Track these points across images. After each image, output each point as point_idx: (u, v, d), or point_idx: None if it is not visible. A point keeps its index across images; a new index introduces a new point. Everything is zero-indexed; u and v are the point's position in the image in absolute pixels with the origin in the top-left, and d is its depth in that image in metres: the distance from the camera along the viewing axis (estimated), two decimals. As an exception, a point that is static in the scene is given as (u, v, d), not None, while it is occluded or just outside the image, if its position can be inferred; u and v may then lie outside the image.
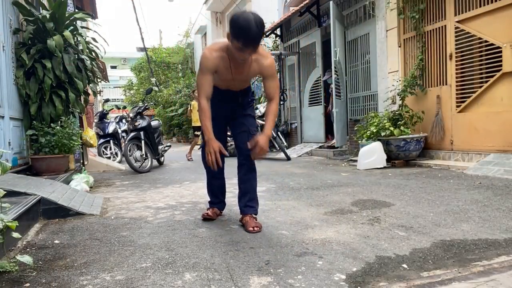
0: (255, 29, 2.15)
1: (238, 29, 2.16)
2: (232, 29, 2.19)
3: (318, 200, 3.39)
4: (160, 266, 1.90)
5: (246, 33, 2.15)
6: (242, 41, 2.17)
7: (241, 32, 2.15)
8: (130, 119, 6.51)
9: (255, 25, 2.14)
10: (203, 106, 2.41)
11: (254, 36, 2.17)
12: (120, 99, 29.52)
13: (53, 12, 4.54)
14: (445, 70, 5.54)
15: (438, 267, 1.77)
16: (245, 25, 2.14)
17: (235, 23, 2.17)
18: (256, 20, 2.16)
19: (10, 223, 1.81)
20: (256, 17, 2.18)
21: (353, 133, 7.29)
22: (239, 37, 2.17)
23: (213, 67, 2.38)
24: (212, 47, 2.43)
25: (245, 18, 2.16)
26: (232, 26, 2.19)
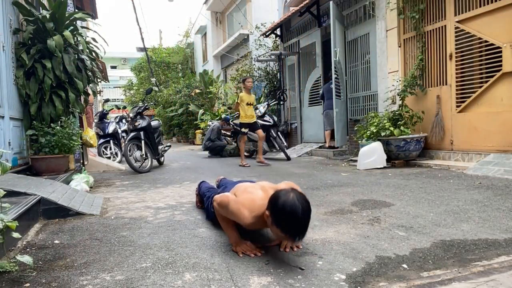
0: (303, 222, 1.79)
1: (282, 219, 1.80)
2: (275, 216, 1.82)
3: (318, 200, 3.39)
4: (160, 266, 1.90)
5: (293, 227, 1.79)
6: (288, 234, 1.82)
7: (287, 224, 1.79)
8: (130, 119, 6.51)
9: (302, 218, 1.77)
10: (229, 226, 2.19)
11: (301, 230, 1.80)
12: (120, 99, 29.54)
13: (53, 12, 4.54)
14: (445, 70, 5.54)
15: (438, 267, 1.77)
16: (291, 218, 1.77)
17: (280, 211, 1.80)
18: (303, 210, 1.77)
19: (10, 223, 1.81)
20: (303, 205, 1.78)
21: (353, 133, 7.29)
22: (284, 229, 1.81)
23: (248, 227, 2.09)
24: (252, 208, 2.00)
25: (291, 208, 1.76)
26: (274, 212, 1.82)
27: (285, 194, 1.81)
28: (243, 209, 2.00)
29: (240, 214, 2.00)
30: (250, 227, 2.08)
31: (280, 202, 1.80)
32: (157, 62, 22.50)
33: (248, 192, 2.14)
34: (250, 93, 7.04)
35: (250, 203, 2.02)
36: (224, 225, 2.21)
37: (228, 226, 2.18)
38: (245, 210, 2.00)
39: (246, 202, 2.04)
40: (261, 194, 2.06)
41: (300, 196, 1.81)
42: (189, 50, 24.13)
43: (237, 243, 2.10)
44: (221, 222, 2.23)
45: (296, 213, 1.76)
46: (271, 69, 12.03)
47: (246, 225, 2.03)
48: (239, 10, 16.52)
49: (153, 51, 23.02)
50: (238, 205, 2.03)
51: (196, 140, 15.61)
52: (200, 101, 16.63)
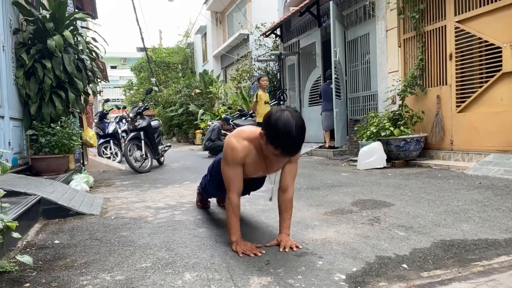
0: (296, 137, 1.81)
1: (276, 135, 1.82)
2: (268, 133, 1.85)
3: (318, 200, 3.39)
4: (160, 266, 1.90)
5: (286, 141, 1.81)
6: (281, 149, 1.84)
7: (280, 139, 1.81)
8: (130, 119, 6.51)
9: (295, 132, 1.79)
10: (234, 202, 2.09)
11: (295, 145, 1.84)
12: (120, 99, 29.52)
13: (53, 12, 4.54)
14: (445, 70, 5.54)
15: (438, 267, 1.77)
16: (285, 132, 1.79)
17: (273, 127, 1.82)
18: (297, 125, 1.80)
19: (10, 223, 1.81)
20: (297, 121, 1.82)
21: (353, 133, 7.29)
22: (277, 145, 1.83)
23: (242, 158, 2.05)
24: (239, 134, 2.07)
25: (285, 123, 1.79)
26: (268, 129, 1.85)
27: (279, 111, 1.86)
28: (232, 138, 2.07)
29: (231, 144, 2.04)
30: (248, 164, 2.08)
31: (274, 118, 1.82)
32: (157, 62, 22.50)
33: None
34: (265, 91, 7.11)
35: (242, 130, 2.12)
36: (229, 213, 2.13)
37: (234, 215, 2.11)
38: (238, 137, 2.06)
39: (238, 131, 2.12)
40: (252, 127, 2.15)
41: (294, 113, 1.85)
42: (189, 50, 24.13)
43: (237, 243, 2.09)
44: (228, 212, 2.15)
45: (290, 128, 1.78)
46: (271, 69, 12.03)
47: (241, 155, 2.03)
48: (239, 10, 16.53)
49: (153, 51, 23.01)
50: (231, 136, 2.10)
51: (196, 140, 15.61)
52: (200, 101, 16.63)
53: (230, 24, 18.41)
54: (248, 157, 2.06)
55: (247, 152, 2.05)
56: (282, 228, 2.19)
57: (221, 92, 16.38)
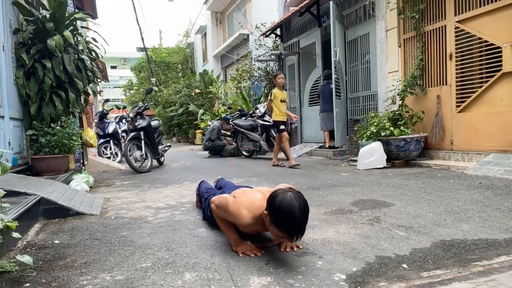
0: (301, 221, 1.79)
1: (280, 220, 1.80)
2: (273, 217, 1.83)
3: (318, 200, 3.39)
4: (160, 266, 1.90)
5: (291, 226, 1.79)
6: (286, 233, 1.82)
7: (285, 224, 1.79)
8: (130, 119, 6.51)
9: (299, 217, 1.77)
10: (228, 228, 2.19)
11: (299, 228, 1.80)
12: (120, 99, 29.52)
13: (53, 12, 4.55)
14: (445, 70, 5.54)
15: (438, 267, 1.77)
16: (289, 217, 1.77)
17: (277, 211, 1.80)
18: (301, 208, 1.78)
19: (10, 223, 1.81)
20: (300, 204, 1.79)
21: (353, 133, 7.29)
22: (282, 230, 1.81)
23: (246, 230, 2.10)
24: (251, 208, 2.01)
25: (289, 206, 1.77)
26: (273, 213, 1.83)
27: (282, 193, 1.83)
28: (242, 208, 2.01)
29: (239, 214, 2.00)
30: (248, 229, 2.08)
31: (278, 201, 1.81)
32: (157, 62, 22.50)
33: (247, 194, 2.15)
34: (282, 90, 6.61)
35: (249, 203, 2.03)
36: (223, 227, 2.21)
37: (227, 228, 2.18)
38: (244, 210, 2.00)
39: (245, 202, 2.05)
40: (260, 195, 2.06)
41: (297, 195, 1.82)
42: (189, 50, 24.13)
43: (237, 243, 2.09)
44: (220, 224, 2.23)
45: (293, 212, 1.76)
46: (271, 69, 12.02)
47: (245, 226, 2.03)
48: (239, 10, 16.53)
49: (153, 51, 23.02)
50: (237, 205, 2.03)
51: (196, 140, 15.61)
52: (200, 101, 16.63)
53: (230, 24, 18.41)
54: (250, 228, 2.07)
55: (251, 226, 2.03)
56: None
57: (221, 92, 16.38)
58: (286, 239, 1.90)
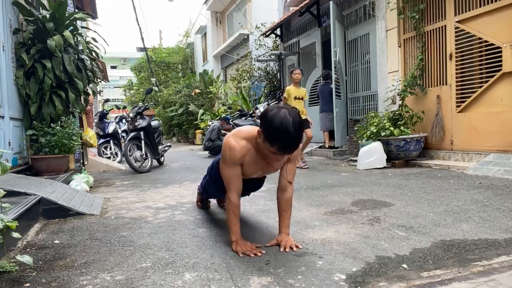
0: (293, 134, 1.80)
1: (273, 133, 1.81)
2: (266, 131, 1.84)
3: (318, 200, 3.39)
4: (160, 266, 1.90)
5: (282, 138, 1.80)
6: (277, 147, 1.84)
7: (276, 136, 1.81)
8: (130, 119, 6.51)
9: (293, 129, 1.79)
10: (234, 202, 2.10)
11: (292, 142, 1.82)
12: (120, 99, 29.53)
13: (53, 12, 4.54)
14: (445, 70, 5.54)
15: (438, 267, 1.77)
16: (281, 128, 1.78)
17: (269, 123, 1.82)
18: (294, 122, 1.80)
19: (10, 223, 1.81)
20: (294, 118, 1.81)
21: (353, 133, 7.29)
22: (273, 142, 1.83)
23: (241, 158, 2.05)
24: (238, 134, 2.07)
25: (282, 120, 1.78)
26: (265, 127, 1.84)
27: (276, 108, 1.85)
28: (230, 138, 2.07)
29: (229, 144, 2.04)
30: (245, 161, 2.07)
31: (271, 115, 1.82)
32: (157, 62, 22.50)
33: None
34: (299, 86, 6.06)
35: (236, 131, 2.12)
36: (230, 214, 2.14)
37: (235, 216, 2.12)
38: (231, 137, 2.06)
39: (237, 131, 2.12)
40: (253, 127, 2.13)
41: (291, 111, 1.84)
42: (189, 50, 24.14)
43: (237, 243, 2.09)
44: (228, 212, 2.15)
45: (287, 126, 1.77)
46: (271, 69, 12.03)
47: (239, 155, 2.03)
48: (239, 10, 16.53)
49: (153, 51, 23.02)
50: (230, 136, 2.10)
51: (196, 140, 15.61)
52: (200, 101, 16.63)
53: (230, 24, 18.42)
54: (247, 157, 2.06)
55: (246, 152, 2.04)
56: (281, 227, 2.19)
57: (221, 92, 16.38)
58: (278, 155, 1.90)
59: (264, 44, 12.25)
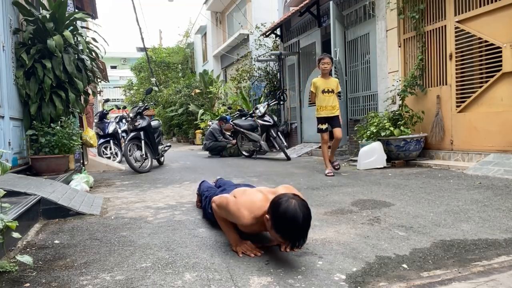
0: (303, 229, 1.79)
1: (281, 226, 1.79)
2: (274, 222, 1.82)
3: (318, 200, 3.39)
4: (160, 266, 1.90)
5: (293, 234, 1.79)
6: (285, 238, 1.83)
7: (287, 232, 1.80)
8: (130, 119, 6.51)
9: (302, 225, 1.76)
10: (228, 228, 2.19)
11: (301, 237, 1.80)
12: (120, 99, 29.54)
13: (53, 12, 4.55)
14: (445, 70, 5.54)
15: (438, 267, 1.77)
16: (291, 225, 1.76)
17: (280, 218, 1.79)
18: (304, 217, 1.76)
19: (10, 223, 1.81)
20: (304, 212, 1.77)
21: (353, 133, 7.29)
22: (284, 236, 1.82)
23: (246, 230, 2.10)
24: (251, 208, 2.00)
25: (292, 216, 1.75)
26: (275, 219, 1.81)
27: (286, 201, 1.80)
28: (242, 209, 2.00)
29: (239, 214, 2.00)
30: (248, 229, 2.08)
31: (282, 209, 1.78)
32: (157, 62, 22.51)
33: (248, 194, 2.14)
34: (328, 77, 5.22)
35: (250, 204, 2.02)
36: (224, 227, 2.21)
37: (228, 228, 2.18)
38: (245, 210, 1.99)
39: (246, 202, 2.04)
40: (261, 196, 2.06)
41: (301, 203, 1.80)
42: (189, 50, 24.14)
43: (237, 243, 2.09)
44: (220, 223, 2.23)
45: (297, 221, 1.74)
46: (271, 69, 12.03)
47: (245, 226, 2.03)
48: (239, 10, 16.53)
49: (153, 51, 23.03)
50: (238, 205, 2.03)
51: (196, 140, 15.61)
52: (200, 101, 16.63)
53: (230, 24, 18.41)
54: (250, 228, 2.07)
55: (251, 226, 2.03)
56: None
57: (221, 92, 16.38)
58: (287, 245, 1.93)
59: (264, 44, 12.24)
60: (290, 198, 1.82)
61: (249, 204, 2.03)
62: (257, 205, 2.00)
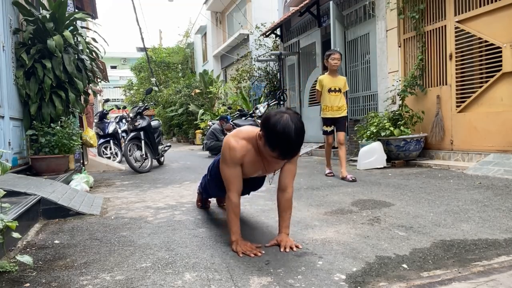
0: (295, 141, 1.79)
1: (274, 139, 1.80)
2: (267, 136, 1.82)
3: (318, 200, 3.39)
4: (160, 266, 1.90)
5: (284, 145, 1.79)
6: (278, 152, 1.83)
7: (278, 143, 1.79)
8: (130, 119, 6.51)
9: (294, 136, 1.77)
10: (234, 202, 2.10)
11: (292, 149, 1.82)
12: (120, 99, 29.53)
13: (53, 12, 4.55)
14: (445, 70, 5.54)
15: (438, 267, 1.77)
16: (283, 136, 1.76)
17: (272, 129, 1.79)
18: (296, 129, 1.78)
19: (10, 223, 1.81)
20: (296, 124, 1.79)
21: (353, 133, 7.29)
22: (274, 148, 1.82)
23: (241, 158, 2.04)
24: (238, 134, 2.06)
25: (284, 126, 1.76)
26: (267, 132, 1.82)
27: (278, 114, 1.83)
28: (230, 138, 2.07)
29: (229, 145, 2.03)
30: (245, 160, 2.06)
31: (273, 120, 1.79)
32: (157, 62, 22.50)
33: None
34: (336, 75, 4.85)
35: (236, 132, 2.10)
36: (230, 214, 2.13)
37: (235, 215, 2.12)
38: (232, 138, 2.06)
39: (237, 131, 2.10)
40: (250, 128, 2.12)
41: (294, 116, 1.82)
42: (189, 50, 24.14)
43: (237, 243, 2.09)
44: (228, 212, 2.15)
45: (289, 133, 1.75)
46: (271, 69, 12.03)
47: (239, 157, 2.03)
48: (239, 10, 16.53)
49: (153, 51, 23.02)
50: (230, 136, 2.09)
51: (196, 140, 15.60)
52: (200, 101, 16.63)
53: (230, 24, 18.41)
54: (247, 157, 2.06)
55: (245, 152, 2.04)
56: (281, 228, 2.19)
57: (221, 92, 16.38)
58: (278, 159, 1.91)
59: (264, 44, 12.24)
60: (282, 112, 1.84)
61: (236, 132, 2.11)
62: (248, 129, 2.08)
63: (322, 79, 4.86)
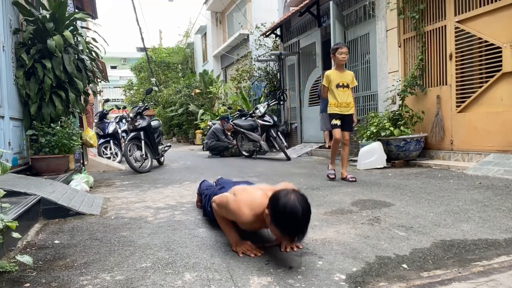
0: (302, 224, 1.79)
1: (281, 221, 1.80)
2: (274, 217, 1.82)
3: (318, 200, 3.39)
4: (160, 266, 1.90)
5: (292, 229, 1.79)
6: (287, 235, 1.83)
7: (286, 227, 1.79)
8: (130, 119, 6.51)
9: (302, 220, 1.77)
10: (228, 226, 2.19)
11: (300, 231, 1.80)
12: (120, 99, 29.54)
13: (53, 12, 4.55)
14: (445, 70, 5.54)
15: (438, 267, 1.77)
16: (290, 220, 1.76)
17: (279, 213, 1.79)
18: (303, 212, 1.76)
19: (10, 223, 1.81)
20: (303, 207, 1.77)
21: (353, 133, 7.28)
22: (283, 231, 1.82)
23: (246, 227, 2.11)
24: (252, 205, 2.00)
25: (291, 210, 1.75)
26: (274, 213, 1.82)
27: (286, 195, 1.81)
28: (243, 207, 2.00)
29: (240, 212, 2.00)
30: (249, 226, 2.08)
31: (281, 203, 1.78)
32: (157, 62, 22.51)
33: (247, 192, 2.14)
34: (343, 70, 4.64)
35: (250, 201, 2.02)
36: (223, 226, 2.21)
37: (227, 227, 2.18)
38: (245, 208, 1.99)
39: (246, 200, 2.04)
40: (260, 193, 2.05)
41: (301, 198, 1.80)
42: (189, 50, 24.14)
43: (237, 243, 2.09)
44: (220, 222, 2.23)
45: (296, 215, 1.74)
46: (271, 69, 12.03)
47: (246, 223, 2.03)
48: (239, 10, 16.53)
49: (153, 51, 23.02)
50: (238, 204, 2.03)
51: (196, 140, 15.61)
52: (200, 101, 16.63)
53: (230, 24, 18.41)
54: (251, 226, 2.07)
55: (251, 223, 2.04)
56: None
57: (221, 92, 16.38)
58: (286, 240, 1.90)
59: (264, 44, 12.24)
60: (289, 192, 1.82)
61: (249, 201, 2.02)
62: (257, 202, 2.00)
63: (329, 74, 4.63)
